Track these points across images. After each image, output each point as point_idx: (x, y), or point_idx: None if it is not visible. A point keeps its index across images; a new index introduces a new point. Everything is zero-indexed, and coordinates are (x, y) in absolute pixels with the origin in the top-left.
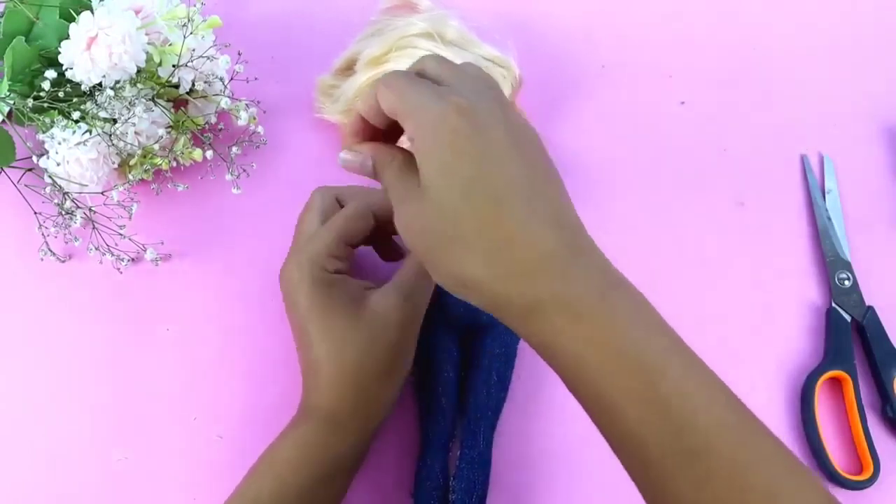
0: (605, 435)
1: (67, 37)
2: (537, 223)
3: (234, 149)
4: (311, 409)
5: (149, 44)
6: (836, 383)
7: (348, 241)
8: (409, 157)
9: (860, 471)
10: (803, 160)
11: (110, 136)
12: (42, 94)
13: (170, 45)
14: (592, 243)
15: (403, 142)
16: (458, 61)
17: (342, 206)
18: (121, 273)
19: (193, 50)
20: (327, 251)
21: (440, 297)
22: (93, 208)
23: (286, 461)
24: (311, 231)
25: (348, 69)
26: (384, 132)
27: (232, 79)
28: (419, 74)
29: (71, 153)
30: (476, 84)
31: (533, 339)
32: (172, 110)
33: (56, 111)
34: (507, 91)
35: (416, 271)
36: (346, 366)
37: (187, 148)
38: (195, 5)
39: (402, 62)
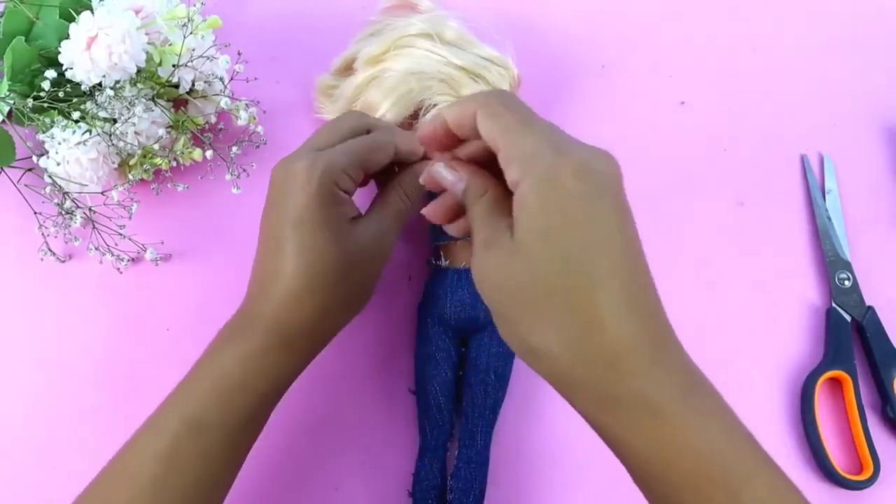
0: None
1: (67, 37)
2: (628, 312)
3: (234, 149)
4: (261, 320)
5: (149, 44)
6: (836, 383)
7: (365, 166)
8: (501, 193)
9: (860, 471)
10: (803, 160)
11: (110, 136)
12: (42, 94)
13: (170, 45)
14: (674, 336)
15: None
16: (456, 61)
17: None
18: (121, 273)
19: (193, 50)
20: (343, 167)
21: (438, 297)
22: (93, 208)
23: (235, 383)
24: (330, 140)
25: (348, 69)
26: (458, 144)
27: (232, 79)
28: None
29: (71, 153)
30: (580, 141)
31: (604, 429)
32: (172, 110)
33: (56, 111)
34: None
35: (395, 213)
36: (315, 283)
37: (187, 148)
38: (195, 5)
39: (400, 61)
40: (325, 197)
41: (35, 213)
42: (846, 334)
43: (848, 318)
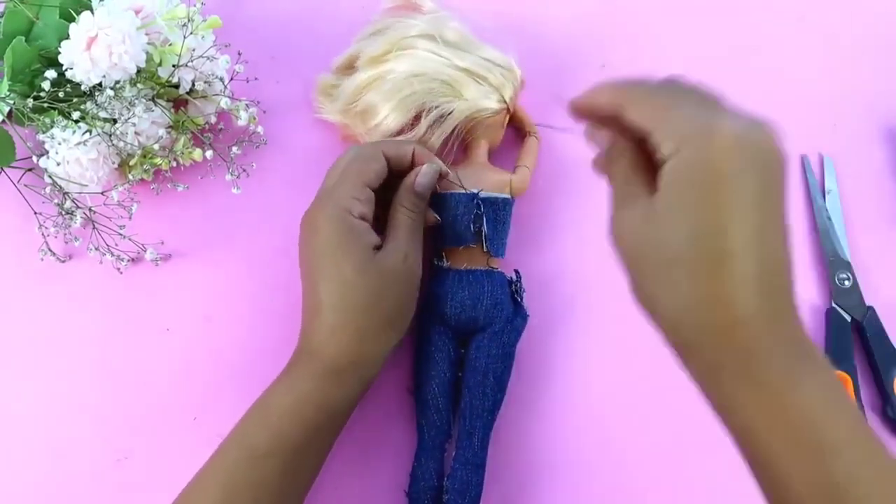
0: (768, 497)
1: (67, 37)
2: (751, 287)
3: (234, 149)
4: (310, 355)
5: (149, 44)
6: None
7: (366, 182)
8: (640, 156)
9: None
10: (803, 160)
11: (110, 136)
12: (42, 94)
13: (170, 45)
14: (793, 309)
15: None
16: (459, 63)
17: None
18: (121, 273)
19: (193, 50)
20: (349, 193)
21: (438, 297)
22: (93, 208)
23: (283, 411)
24: (334, 179)
25: (349, 68)
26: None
27: (232, 79)
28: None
29: (71, 153)
30: (742, 113)
31: (708, 389)
32: (172, 110)
33: (56, 111)
34: (508, 93)
35: (406, 230)
36: (348, 315)
37: (187, 148)
38: (195, 5)
39: (402, 62)
40: (342, 229)
41: (35, 213)
42: (846, 334)
43: (848, 318)
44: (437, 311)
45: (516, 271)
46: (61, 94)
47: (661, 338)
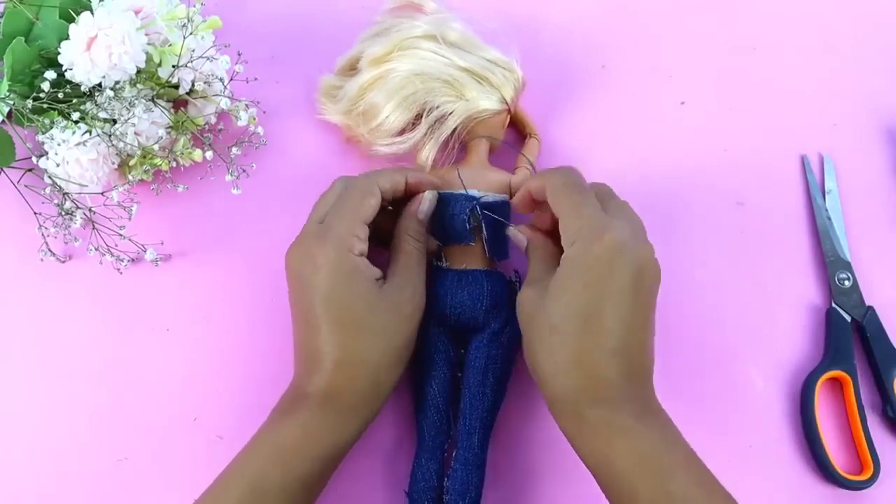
0: None
1: (67, 37)
2: (613, 357)
3: (234, 149)
4: (314, 394)
5: (149, 44)
6: (836, 383)
7: (364, 219)
8: (554, 249)
9: (860, 471)
10: (803, 160)
11: (110, 136)
12: (42, 94)
13: (170, 45)
14: (648, 379)
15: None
16: (461, 63)
17: None
18: (121, 273)
19: (193, 50)
20: (349, 230)
21: (438, 297)
22: (93, 209)
23: (292, 447)
24: (325, 212)
25: (352, 68)
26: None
27: (232, 79)
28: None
29: (71, 154)
30: (633, 223)
31: (575, 435)
32: (172, 111)
33: (56, 112)
34: (509, 94)
35: (412, 260)
36: (358, 354)
37: (187, 148)
38: (195, 5)
39: (404, 62)
40: (345, 268)
41: (35, 213)
42: (846, 334)
43: (848, 318)
44: (436, 312)
45: (516, 271)
46: (61, 95)
47: (541, 393)
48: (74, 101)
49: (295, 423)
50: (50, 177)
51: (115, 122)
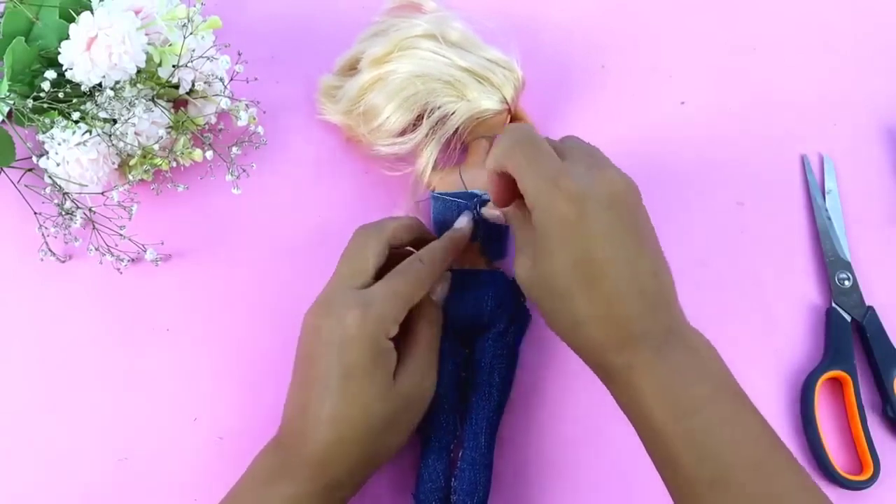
0: (652, 460)
1: (67, 37)
2: (627, 297)
3: (234, 149)
4: (303, 463)
5: (149, 44)
6: (836, 383)
7: (410, 306)
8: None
9: (860, 471)
10: (803, 160)
11: (110, 136)
12: (42, 94)
13: (170, 45)
14: (672, 303)
15: None
16: (461, 63)
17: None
18: (121, 273)
19: (193, 50)
20: (392, 315)
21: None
22: (93, 208)
23: None
24: (363, 273)
25: (352, 69)
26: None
27: (232, 79)
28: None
29: (71, 153)
30: (585, 156)
31: (610, 382)
32: (172, 110)
33: (56, 111)
34: (510, 94)
35: (430, 347)
36: (361, 435)
37: (187, 148)
38: (195, 5)
39: (404, 63)
40: (375, 352)
41: (35, 213)
42: (846, 334)
43: (848, 318)
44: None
45: None
46: (61, 95)
47: (571, 346)
48: (74, 100)
49: (284, 498)
50: (50, 177)
51: (115, 121)
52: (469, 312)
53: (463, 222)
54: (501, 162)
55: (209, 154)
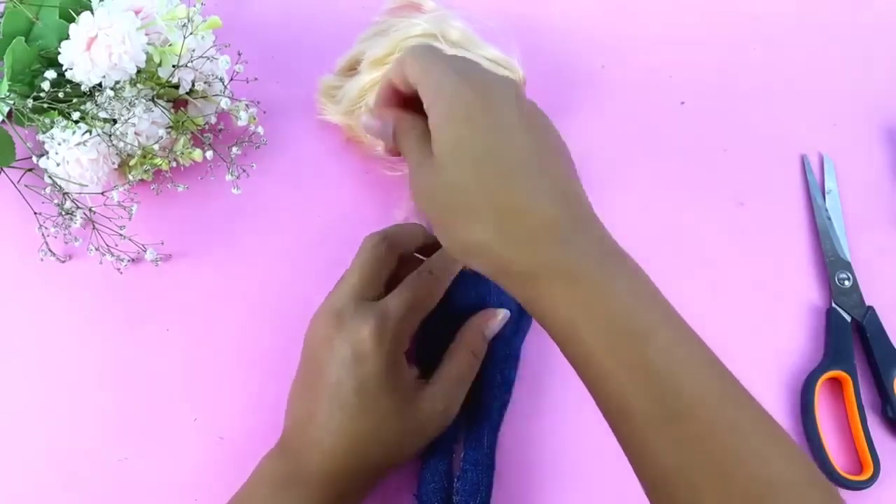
0: (595, 398)
1: (67, 37)
2: (542, 194)
3: (234, 149)
4: (312, 473)
5: (149, 44)
6: (836, 383)
7: (423, 317)
8: (426, 127)
9: (860, 471)
10: (803, 160)
11: (110, 136)
12: (42, 94)
13: (170, 45)
14: (594, 216)
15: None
16: None
17: (392, 251)
18: (121, 273)
19: (193, 50)
20: (411, 330)
21: (443, 299)
22: (93, 208)
23: None
24: (375, 283)
25: (352, 69)
26: (411, 100)
27: (232, 79)
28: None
29: (71, 153)
30: (494, 71)
31: (531, 303)
32: (172, 111)
33: (56, 111)
34: None
35: (461, 379)
36: (372, 449)
37: (187, 148)
38: (195, 5)
39: None
40: (390, 367)
41: (35, 213)
42: (846, 334)
43: (848, 318)
44: (441, 312)
45: None
46: (61, 95)
47: (485, 272)
48: (74, 100)
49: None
50: (50, 177)
51: (115, 121)
52: (471, 311)
53: None
54: (407, 66)
55: (209, 154)
